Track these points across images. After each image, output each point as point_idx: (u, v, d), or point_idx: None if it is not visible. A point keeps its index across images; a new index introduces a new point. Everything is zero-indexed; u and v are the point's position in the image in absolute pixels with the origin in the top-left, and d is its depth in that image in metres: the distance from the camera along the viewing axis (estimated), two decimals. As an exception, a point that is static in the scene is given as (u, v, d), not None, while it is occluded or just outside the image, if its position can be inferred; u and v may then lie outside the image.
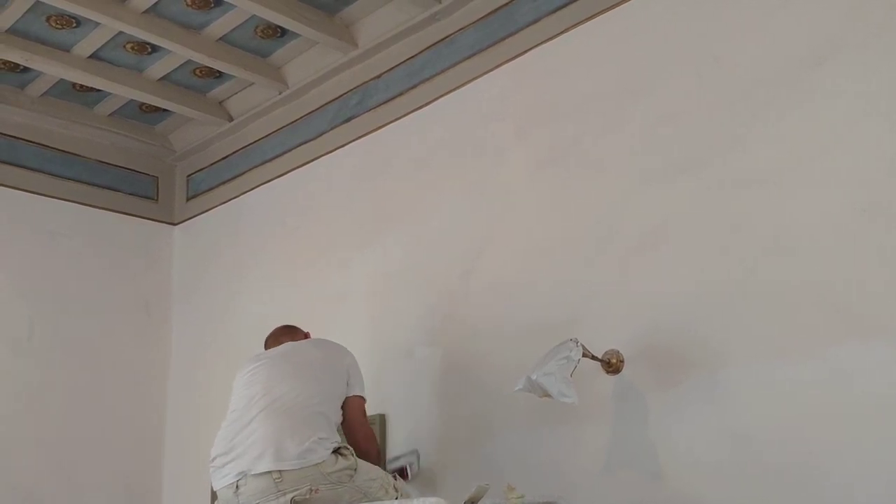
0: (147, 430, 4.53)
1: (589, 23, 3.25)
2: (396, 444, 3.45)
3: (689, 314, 2.78)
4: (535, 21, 3.41)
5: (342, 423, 2.90)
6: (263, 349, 3.18)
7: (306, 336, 3.21)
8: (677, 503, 2.70)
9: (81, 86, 4.31)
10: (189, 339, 4.63)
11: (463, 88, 3.63)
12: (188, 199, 4.88)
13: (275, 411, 2.68)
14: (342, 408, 2.90)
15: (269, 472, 2.55)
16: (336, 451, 2.67)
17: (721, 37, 2.91)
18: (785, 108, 2.71)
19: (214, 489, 2.74)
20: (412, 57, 3.84)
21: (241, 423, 2.70)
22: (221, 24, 3.90)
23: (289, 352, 2.97)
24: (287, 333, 3.18)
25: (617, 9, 3.18)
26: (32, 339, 4.28)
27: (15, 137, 4.41)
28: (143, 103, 4.49)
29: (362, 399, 2.96)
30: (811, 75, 2.67)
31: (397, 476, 2.97)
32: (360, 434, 2.94)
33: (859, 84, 2.58)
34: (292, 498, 2.54)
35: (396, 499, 2.73)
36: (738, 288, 2.69)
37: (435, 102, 3.72)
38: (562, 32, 3.32)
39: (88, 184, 4.62)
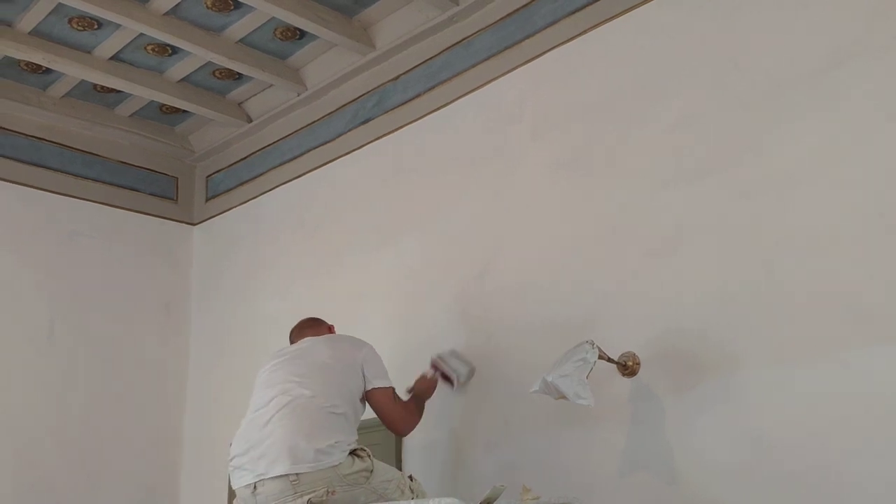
0: (166, 427, 4.57)
1: (606, 25, 3.25)
2: (412, 446, 3.46)
3: (707, 317, 2.77)
4: (553, 23, 3.41)
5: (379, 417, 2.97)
6: (288, 342, 3.18)
7: (330, 329, 3.20)
8: (693, 506, 2.70)
9: (102, 87, 4.36)
10: (208, 338, 4.67)
11: (480, 90, 3.64)
12: (207, 200, 4.91)
13: (291, 413, 2.69)
14: (369, 402, 2.93)
15: (286, 476, 2.57)
16: (353, 453, 2.68)
17: (739, 40, 2.90)
18: (803, 111, 2.70)
19: (233, 487, 2.77)
20: (430, 59, 3.85)
21: (259, 424, 2.71)
22: (241, 27, 3.93)
23: (305, 350, 2.96)
24: (311, 326, 3.17)
25: (634, 11, 3.18)
26: (53, 338, 4.32)
27: (37, 138, 4.47)
28: (163, 104, 4.53)
29: (386, 389, 2.95)
30: (829, 79, 2.66)
31: (413, 477, 2.96)
32: (395, 421, 2.99)
33: (878, 87, 2.57)
34: (309, 499, 2.56)
35: (412, 499, 2.74)
36: (756, 291, 2.68)
37: (452, 104, 3.73)
38: (579, 35, 3.32)
39: (109, 184, 4.67)
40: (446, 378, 3.26)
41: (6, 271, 4.25)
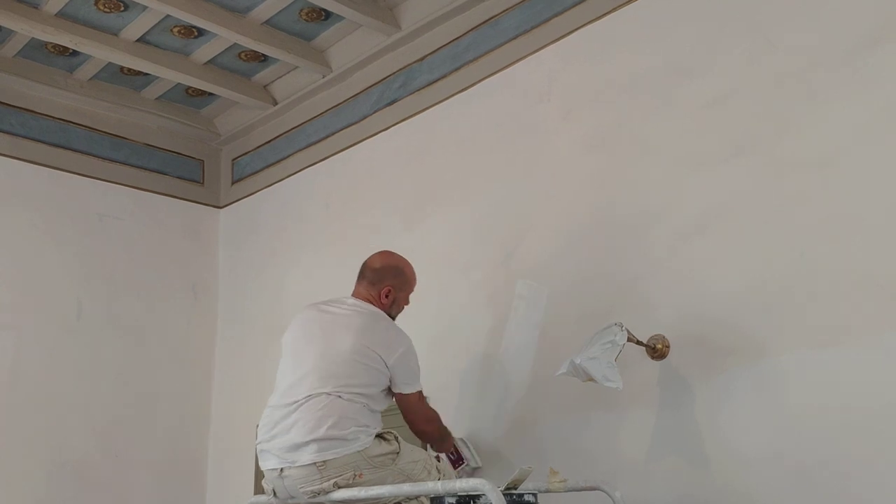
0: (193, 406, 4.60)
1: (637, 2, 3.19)
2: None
3: (738, 299, 2.73)
4: (582, 0, 3.36)
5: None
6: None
7: (383, 295, 2.92)
8: (723, 493, 2.66)
9: (129, 69, 4.37)
10: (234, 320, 4.69)
11: (508, 70, 3.59)
12: (233, 183, 4.92)
13: (315, 406, 2.64)
14: (397, 401, 2.82)
15: (314, 463, 2.57)
16: (379, 436, 2.67)
17: (773, 16, 2.84)
18: (838, 89, 2.64)
19: (261, 468, 2.77)
20: (456, 39, 3.82)
21: (283, 414, 2.68)
22: (266, 8, 3.92)
23: (335, 325, 2.79)
24: (365, 284, 2.95)
25: (666, -12, 3.12)
26: (81, 319, 4.36)
27: (64, 121, 4.49)
28: (189, 87, 4.54)
29: (414, 395, 2.81)
30: (865, 57, 2.59)
31: (440, 458, 2.95)
32: (414, 421, 2.86)
33: (918, 63, 2.50)
34: (335, 482, 2.55)
35: (439, 480, 2.72)
36: (789, 272, 2.63)
37: (479, 84, 3.70)
38: (609, 12, 3.27)
39: (136, 167, 4.69)
40: (459, 458, 3.09)
41: (35, 253, 4.29)
